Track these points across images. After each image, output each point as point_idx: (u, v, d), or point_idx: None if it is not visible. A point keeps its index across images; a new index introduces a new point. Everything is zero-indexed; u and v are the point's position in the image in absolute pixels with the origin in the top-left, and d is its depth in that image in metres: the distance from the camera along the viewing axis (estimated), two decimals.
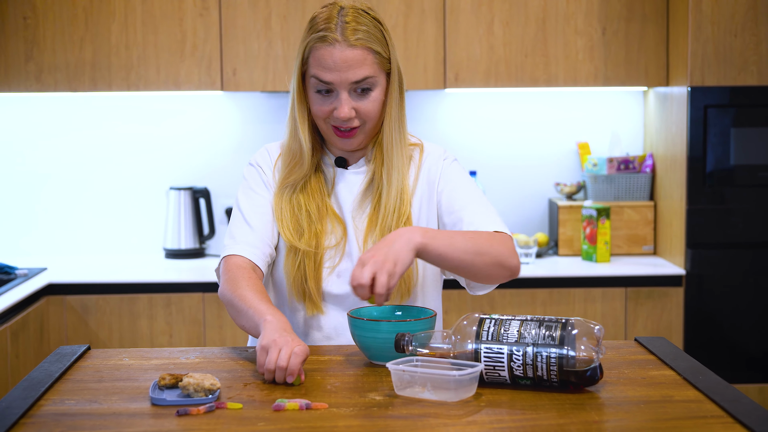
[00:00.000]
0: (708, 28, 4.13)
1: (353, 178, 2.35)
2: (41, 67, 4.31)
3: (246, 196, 2.35)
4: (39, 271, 4.22)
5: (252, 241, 2.26)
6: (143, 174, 4.70)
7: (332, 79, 2.20)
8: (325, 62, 2.19)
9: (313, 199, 2.31)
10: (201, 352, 2.12)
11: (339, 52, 2.18)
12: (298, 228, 2.28)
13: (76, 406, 1.73)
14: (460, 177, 2.37)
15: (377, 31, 2.24)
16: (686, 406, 1.74)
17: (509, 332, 1.84)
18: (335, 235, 2.31)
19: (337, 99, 2.22)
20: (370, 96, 2.24)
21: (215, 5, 4.33)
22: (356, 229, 2.31)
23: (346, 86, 2.21)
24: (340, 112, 2.21)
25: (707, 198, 4.21)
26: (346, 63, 2.18)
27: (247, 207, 2.32)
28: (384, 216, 2.28)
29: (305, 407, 1.71)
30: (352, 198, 2.34)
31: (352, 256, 2.30)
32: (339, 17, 2.20)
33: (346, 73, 2.19)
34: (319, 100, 2.24)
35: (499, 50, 4.39)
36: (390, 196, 2.29)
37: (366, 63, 2.20)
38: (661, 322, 4.22)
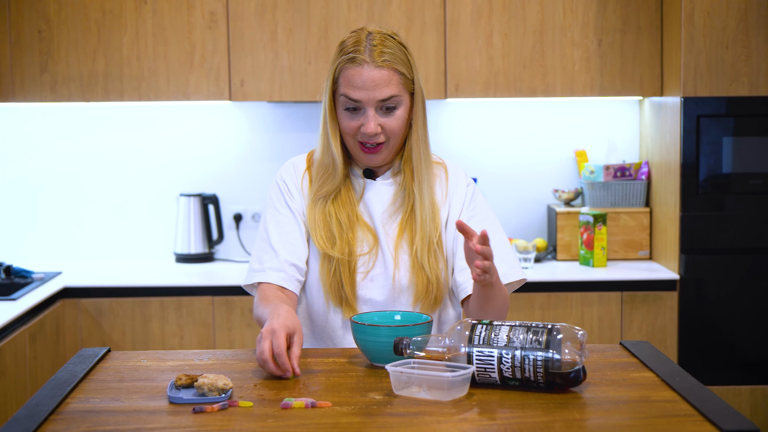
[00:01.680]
0: (700, 41, 4.27)
1: (383, 189, 2.52)
2: (56, 78, 4.46)
3: (272, 217, 2.51)
4: (54, 275, 4.38)
5: (277, 266, 2.44)
6: (154, 181, 4.86)
7: (360, 97, 2.38)
8: (354, 82, 2.37)
9: (344, 209, 2.47)
10: (214, 355, 2.27)
11: (367, 72, 2.37)
12: (331, 236, 2.45)
13: (100, 404, 1.88)
14: (484, 211, 2.58)
15: (402, 54, 2.43)
16: (662, 405, 1.89)
17: (499, 337, 1.99)
18: (367, 243, 2.48)
19: (365, 116, 2.40)
20: (395, 114, 2.42)
21: (223, 18, 4.48)
22: (387, 236, 2.48)
23: (373, 104, 2.39)
24: (367, 128, 2.39)
25: (700, 205, 4.34)
26: (373, 82, 2.37)
27: (273, 230, 2.49)
28: (422, 224, 2.46)
29: (310, 405, 1.86)
30: (383, 207, 2.51)
31: (384, 261, 2.47)
32: (367, 41, 2.39)
33: (374, 91, 2.37)
34: (348, 117, 2.42)
35: (498, 61, 4.54)
36: (424, 207, 2.47)
37: (392, 83, 2.39)
38: (656, 326, 4.36)
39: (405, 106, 2.44)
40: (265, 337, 2.06)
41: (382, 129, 2.42)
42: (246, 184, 4.86)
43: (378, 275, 2.46)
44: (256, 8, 4.47)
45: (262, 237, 2.51)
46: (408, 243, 2.47)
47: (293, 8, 4.47)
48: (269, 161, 4.85)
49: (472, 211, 2.55)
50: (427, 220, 2.47)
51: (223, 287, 4.25)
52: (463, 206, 2.55)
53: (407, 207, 2.49)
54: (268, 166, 4.85)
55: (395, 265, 2.46)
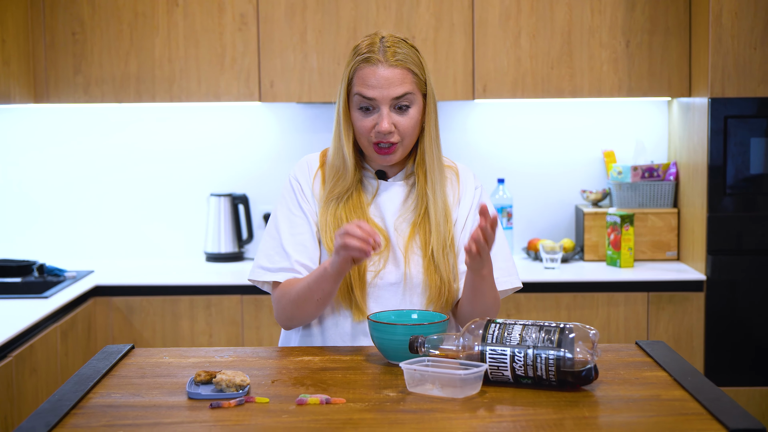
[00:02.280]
0: (728, 42, 4.27)
1: (395, 189, 2.56)
2: (89, 80, 4.54)
3: (284, 217, 2.54)
4: (87, 274, 4.45)
5: (288, 266, 2.49)
6: (185, 181, 4.92)
7: (375, 95, 2.43)
8: (368, 80, 2.43)
9: (354, 213, 2.51)
10: (234, 352, 2.32)
11: (381, 70, 2.43)
12: None
13: (121, 399, 1.94)
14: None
15: (414, 56, 2.48)
16: (671, 404, 1.91)
17: (512, 335, 2.02)
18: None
19: (379, 114, 2.44)
20: (408, 113, 2.46)
21: (253, 20, 4.53)
22: (398, 236, 2.52)
23: (387, 102, 2.43)
24: (382, 126, 2.43)
25: (727, 206, 4.35)
26: (387, 81, 2.43)
27: (286, 230, 2.52)
28: (436, 226, 2.50)
29: (325, 402, 1.90)
30: (395, 207, 2.54)
31: (396, 261, 2.50)
32: (381, 43, 2.46)
33: (388, 89, 2.43)
34: (362, 117, 2.46)
35: (526, 62, 4.56)
36: (438, 209, 2.51)
37: (405, 81, 2.45)
38: (683, 327, 4.37)
39: (418, 106, 2.48)
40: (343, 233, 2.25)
41: (396, 128, 2.45)
42: (275, 184, 4.92)
43: (389, 274, 2.50)
44: (286, 10, 4.52)
45: (273, 236, 2.54)
46: (420, 244, 2.50)
47: (323, 10, 4.52)
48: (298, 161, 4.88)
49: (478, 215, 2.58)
50: (441, 222, 2.50)
51: (252, 286, 4.30)
52: (471, 209, 2.58)
53: (420, 209, 2.52)
54: None
55: (406, 264, 2.49)
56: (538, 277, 4.41)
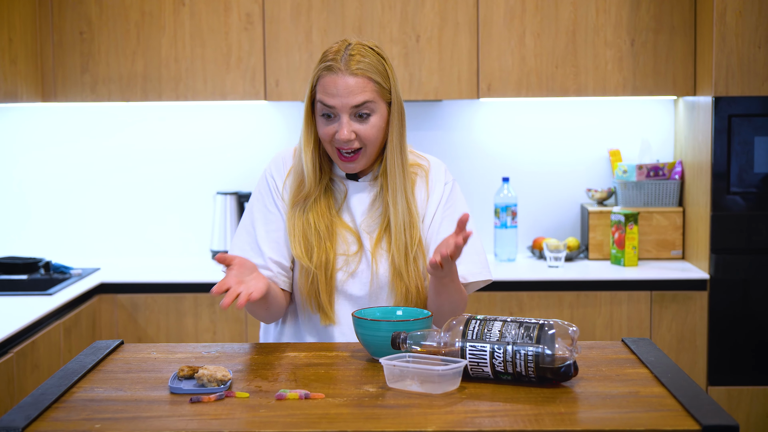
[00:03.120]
0: (732, 40, 4.27)
1: (364, 191, 2.57)
2: (96, 79, 4.58)
3: (260, 213, 2.57)
4: (92, 271, 4.49)
5: (262, 264, 2.52)
6: (191, 179, 4.96)
7: (335, 104, 2.44)
8: (329, 88, 2.44)
9: (323, 218, 2.52)
10: (221, 347, 2.34)
11: (341, 79, 2.43)
12: (308, 246, 2.50)
13: (104, 393, 1.97)
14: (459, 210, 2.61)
15: (379, 65, 2.48)
16: (648, 401, 1.93)
17: (492, 332, 2.04)
18: (353, 244, 2.53)
19: (339, 122, 2.45)
20: (369, 121, 2.47)
21: (259, 20, 4.56)
22: (369, 237, 2.53)
23: (347, 110, 2.44)
24: (341, 134, 2.44)
25: (731, 204, 4.34)
26: (347, 89, 2.43)
27: (261, 227, 2.55)
28: (396, 234, 2.51)
29: (304, 397, 1.92)
30: (363, 209, 2.56)
31: (367, 260, 2.52)
32: (345, 51, 2.46)
33: (347, 98, 2.43)
34: (324, 124, 2.48)
35: (531, 61, 4.57)
36: (398, 216, 2.51)
37: (366, 90, 2.45)
38: (686, 325, 4.37)
39: (380, 114, 2.49)
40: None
41: (357, 136, 2.46)
42: None
43: (360, 273, 2.52)
44: (292, 10, 4.55)
45: (248, 231, 2.56)
46: (387, 250, 2.52)
47: (328, 10, 4.54)
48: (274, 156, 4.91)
49: (446, 210, 2.59)
50: (401, 230, 2.50)
51: None
52: (438, 205, 2.59)
53: (384, 218, 2.54)
54: None
55: (374, 267, 2.51)
56: (541, 275, 4.42)
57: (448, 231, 2.53)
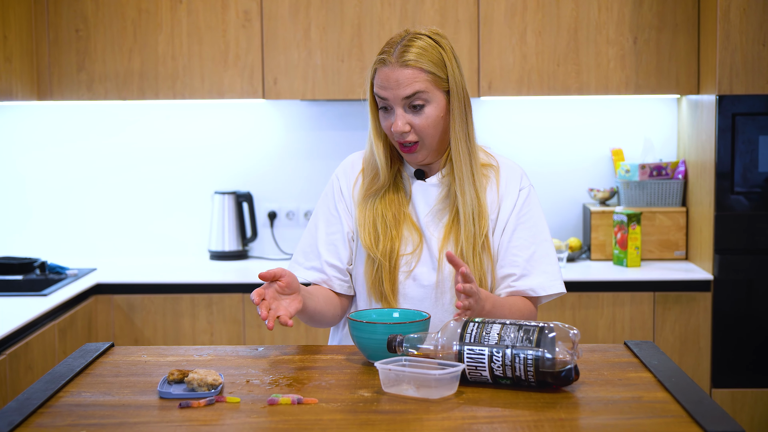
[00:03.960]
0: (736, 38, 4.21)
1: (430, 190, 2.53)
2: (92, 77, 4.52)
3: (323, 215, 2.59)
4: (88, 272, 4.44)
5: (318, 266, 2.54)
6: (189, 179, 4.90)
7: (387, 96, 2.42)
8: (381, 81, 2.42)
9: (391, 208, 2.51)
10: (214, 350, 2.29)
11: (392, 71, 2.40)
12: (376, 235, 2.49)
13: (91, 398, 1.91)
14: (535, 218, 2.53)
15: (434, 53, 2.41)
16: (652, 406, 1.87)
17: (490, 335, 1.98)
18: (412, 242, 2.50)
19: (394, 114, 2.43)
20: (423, 112, 2.42)
21: (257, 17, 4.51)
22: (432, 237, 2.49)
23: (399, 102, 2.41)
24: (395, 126, 2.42)
25: (735, 204, 4.29)
26: (397, 81, 2.40)
27: (322, 228, 2.57)
28: (465, 224, 2.46)
29: (297, 402, 1.87)
30: (428, 208, 2.51)
31: (427, 262, 2.48)
32: (401, 42, 2.42)
33: (397, 90, 2.40)
34: (383, 117, 2.47)
35: (532, 59, 4.52)
36: (467, 206, 2.46)
37: (417, 80, 2.39)
38: (689, 327, 4.31)
39: (436, 104, 2.43)
40: None
41: (412, 127, 2.43)
42: (280, 182, 4.89)
43: (421, 274, 2.47)
44: (290, 7, 4.50)
45: (312, 232, 2.59)
46: (454, 244, 2.47)
47: (326, 7, 4.49)
48: (303, 159, 4.87)
49: (521, 218, 2.50)
50: (470, 220, 2.45)
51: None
52: (512, 211, 2.51)
53: (452, 209, 2.49)
54: (301, 164, 4.88)
55: (439, 267, 2.47)
56: None
57: (521, 240, 2.48)
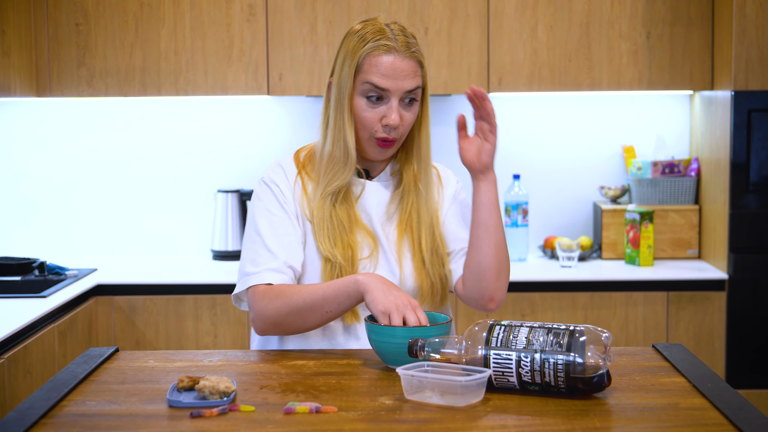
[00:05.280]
0: (752, 32, 4.11)
1: (380, 189, 2.42)
2: (93, 72, 4.42)
3: (265, 219, 2.36)
4: (89, 272, 4.33)
5: (277, 267, 2.30)
6: (192, 177, 4.80)
7: (388, 86, 2.29)
8: (383, 69, 2.29)
9: (344, 209, 2.36)
10: (224, 355, 2.18)
11: (399, 60, 2.29)
12: (334, 237, 2.34)
13: (96, 407, 1.80)
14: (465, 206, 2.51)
15: (419, 47, 2.36)
16: (690, 413, 1.77)
17: (518, 339, 1.88)
18: (368, 245, 2.37)
19: (388, 106, 2.31)
20: (413, 108, 2.35)
21: (262, 11, 4.40)
22: (387, 239, 2.38)
23: (399, 94, 2.30)
24: (391, 119, 2.30)
25: (750, 202, 4.19)
26: (403, 72, 2.29)
27: (268, 232, 2.34)
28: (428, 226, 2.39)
29: (315, 410, 1.76)
30: (381, 208, 2.41)
31: (389, 265, 2.37)
32: (389, 30, 2.32)
33: (402, 81, 2.29)
34: (368, 108, 2.32)
35: (543, 54, 4.42)
36: (430, 208, 2.40)
37: (417, 75, 2.33)
38: (703, 327, 4.22)
39: (419, 101, 2.38)
40: (394, 314, 2.07)
41: (401, 122, 2.33)
42: None
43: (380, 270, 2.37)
44: (296, 1, 4.39)
45: (254, 240, 2.35)
46: (410, 245, 2.38)
47: (333, 1, 4.38)
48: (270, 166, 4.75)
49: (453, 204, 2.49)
50: (431, 221, 2.40)
51: None
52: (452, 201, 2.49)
53: (406, 208, 2.40)
54: None
55: (401, 270, 2.37)
56: (554, 276, 4.26)
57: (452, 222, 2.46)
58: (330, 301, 2.20)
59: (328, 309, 2.21)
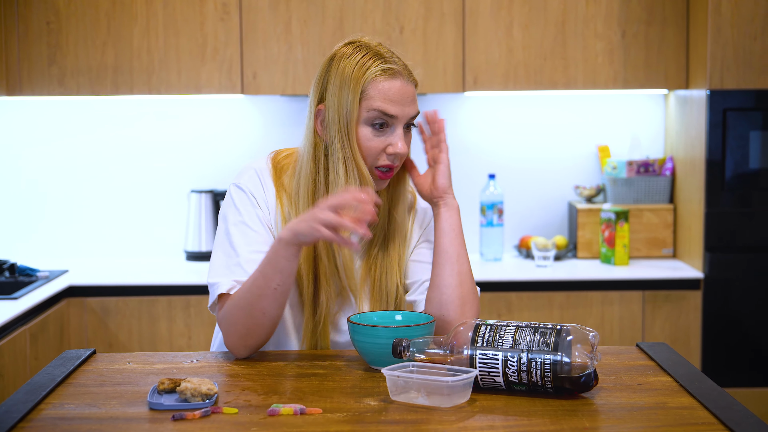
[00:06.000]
0: (728, 31, 4.12)
1: None
2: (64, 71, 4.36)
3: (240, 233, 2.19)
4: (60, 274, 4.27)
5: None
6: (164, 177, 4.74)
7: (397, 113, 2.14)
8: (391, 95, 2.14)
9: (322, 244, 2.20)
10: (204, 357, 2.14)
11: (404, 85, 2.15)
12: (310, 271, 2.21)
13: (75, 411, 1.76)
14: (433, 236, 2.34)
15: None
16: (679, 412, 1.75)
17: (504, 338, 1.85)
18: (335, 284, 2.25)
19: (393, 134, 2.15)
20: (410, 134, 2.21)
21: (236, 10, 4.36)
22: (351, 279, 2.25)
23: (405, 121, 2.16)
24: (398, 147, 2.15)
25: (726, 201, 4.19)
26: (408, 97, 2.16)
27: (243, 248, 2.17)
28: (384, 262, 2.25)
29: (299, 412, 1.73)
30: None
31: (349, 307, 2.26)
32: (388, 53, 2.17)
33: (408, 107, 2.16)
34: (374, 136, 2.15)
35: (518, 53, 4.40)
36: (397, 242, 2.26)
37: (415, 99, 2.19)
38: (679, 326, 4.21)
39: None
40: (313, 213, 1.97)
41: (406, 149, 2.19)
42: None
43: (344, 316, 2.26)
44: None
45: (228, 253, 2.17)
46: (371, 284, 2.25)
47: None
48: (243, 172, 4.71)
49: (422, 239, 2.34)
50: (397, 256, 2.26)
51: None
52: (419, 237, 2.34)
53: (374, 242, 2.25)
54: None
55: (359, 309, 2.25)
56: (530, 275, 4.25)
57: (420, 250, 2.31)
58: (270, 275, 2.04)
59: (274, 284, 2.04)
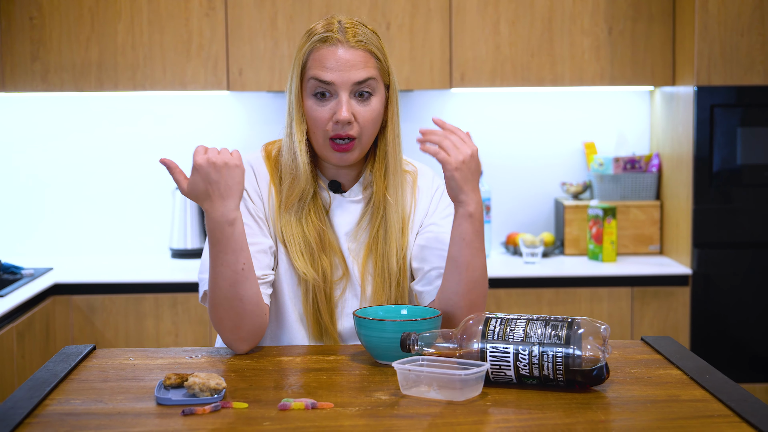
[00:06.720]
0: (714, 28, 4.12)
1: (350, 206, 2.27)
2: (47, 67, 4.31)
3: None
4: (45, 271, 4.22)
5: None
6: (149, 174, 4.70)
7: (333, 79, 2.14)
8: (326, 62, 2.14)
9: (314, 226, 2.21)
10: (207, 352, 2.12)
11: (342, 51, 2.15)
12: (310, 255, 2.20)
13: (82, 406, 1.73)
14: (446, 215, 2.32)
15: (376, 40, 2.21)
16: (693, 405, 1.74)
17: (515, 332, 1.83)
18: (340, 266, 2.24)
19: (337, 101, 2.15)
20: (370, 103, 2.18)
21: (221, 5, 4.32)
22: (354, 261, 2.24)
23: (348, 87, 2.15)
24: (340, 114, 2.13)
25: (713, 198, 4.20)
26: (348, 63, 2.14)
27: None
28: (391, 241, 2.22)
29: (311, 407, 1.70)
30: (348, 227, 2.26)
31: (351, 288, 2.25)
32: (338, 24, 2.18)
33: (348, 72, 2.14)
34: (317, 106, 2.17)
35: (505, 50, 4.39)
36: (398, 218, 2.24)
37: (368, 65, 2.16)
38: (668, 322, 4.21)
39: (380, 97, 2.20)
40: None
41: (356, 119, 2.16)
42: None
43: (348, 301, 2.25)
44: None
45: None
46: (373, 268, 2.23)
47: None
48: None
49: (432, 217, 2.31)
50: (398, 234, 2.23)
51: None
52: (425, 216, 2.31)
53: (375, 224, 2.24)
54: None
55: (362, 293, 2.24)
56: (517, 272, 4.23)
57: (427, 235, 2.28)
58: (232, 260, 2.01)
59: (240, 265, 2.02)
